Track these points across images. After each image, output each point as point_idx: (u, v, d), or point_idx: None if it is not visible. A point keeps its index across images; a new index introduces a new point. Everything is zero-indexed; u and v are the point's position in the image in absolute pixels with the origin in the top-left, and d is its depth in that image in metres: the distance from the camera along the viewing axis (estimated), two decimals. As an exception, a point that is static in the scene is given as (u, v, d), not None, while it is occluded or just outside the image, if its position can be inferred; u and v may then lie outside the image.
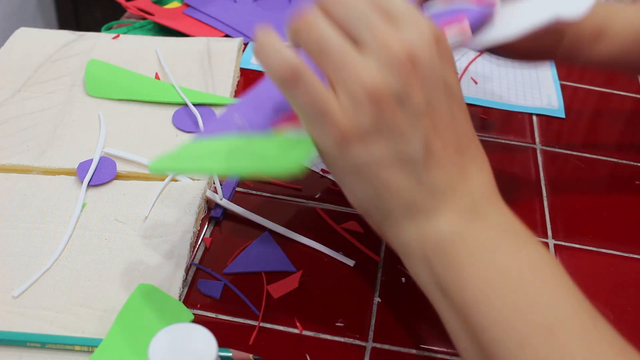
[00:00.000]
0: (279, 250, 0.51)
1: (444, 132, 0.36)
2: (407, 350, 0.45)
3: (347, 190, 0.38)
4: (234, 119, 0.44)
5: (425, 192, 0.36)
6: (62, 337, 0.42)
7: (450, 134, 0.36)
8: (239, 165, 0.40)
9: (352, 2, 0.36)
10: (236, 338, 0.44)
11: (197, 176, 0.52)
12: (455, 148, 0.37)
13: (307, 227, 0.53)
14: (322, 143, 0.36)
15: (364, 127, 0.34)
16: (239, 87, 0.70)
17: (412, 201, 0.36)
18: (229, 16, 0.79)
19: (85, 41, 0.70)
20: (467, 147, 0.38)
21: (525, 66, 0.77)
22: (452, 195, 0.36)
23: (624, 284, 0.51)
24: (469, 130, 0.38)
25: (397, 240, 0.38)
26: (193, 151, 0.44)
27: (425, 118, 0.35)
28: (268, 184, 0.57)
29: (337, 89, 0.35)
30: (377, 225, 0.39)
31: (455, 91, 0.37)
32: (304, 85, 0.35)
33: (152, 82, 0.65)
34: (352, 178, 0.37)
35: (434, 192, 0.36)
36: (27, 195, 0.52)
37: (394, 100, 0.34)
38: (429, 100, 0.35)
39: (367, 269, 0.50)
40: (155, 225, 0.51)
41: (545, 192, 0.59)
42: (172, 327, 0.35)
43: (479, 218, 0.36)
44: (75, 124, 0.60)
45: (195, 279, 0.48)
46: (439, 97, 0.36)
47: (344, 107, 0.34)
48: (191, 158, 0.43)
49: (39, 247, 0.48)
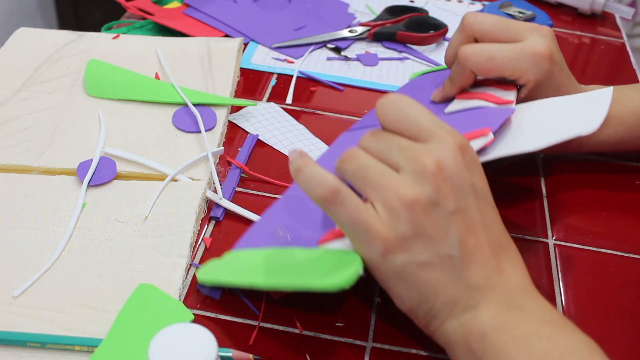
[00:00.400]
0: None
1: (476, 231, 0.40)
2: (407, 350, 0.45)
3: (393, 293, 0.41)
4: (279, 232, 0.46)
5: (466, 288, 0.39)
6: (62, 337, 0.42)
7: (482, 231, 0.40)
8: (288, 281, 0.42)
9: (385, 136, 0.41)
10: (236, 338, 0.44)
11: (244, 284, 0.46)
12: (489, 244, 0.40)
13: (307, 227, 0.53)
14: (366, 254, 0.40)
15: (403, 234, 0.38)
16: (239, 87, 0.70)
17: (454, 298, 0.39)
18: (229, 16, 0.79)
19: (85, 41, 0.70)
20: (500, 243, 0.41)
21: None
22: (491, 290, 0.40)
23: (624, 284, 0.51)
24: (500, 227, 0.42)
25: (442, 334, 0.41)
26: (239, 262, 0.46)
27: (458, 218, 0.39)
28: (268, 184, 0.57)
29: (376, 205, 0.39)
30: (423, 323, 0.42)
31: (483, 194, 0.41)
32: (344, 203, 0.39)
33: (152, 82, 0.65)
34: (396, 282, 0.40)
35: (474, 288, 0.39)
36: (27, 195, 0.52)
37: (427, 206, 0.38)
38: (460, 203, 0.39)
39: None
40: (155, 225, 0.51)
41: (545, 192, 0.59)
42: (172, 327, 0.35)
43: (517, 308, 0.39)
44: (75, 124, 0.60)
45: (195, 279, 0.48)
46: (468, 199, 0.40)
47: (384, 220, 0.39)
48: (238, 270, 0.45)
49: (39, 247, 0.48)
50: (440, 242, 0.39)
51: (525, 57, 0.52)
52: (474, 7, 0.90)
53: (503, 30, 0.53)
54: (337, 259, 0.41)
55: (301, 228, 0.47)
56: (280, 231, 0.47)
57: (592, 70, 0.80)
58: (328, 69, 0.74)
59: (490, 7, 0.80)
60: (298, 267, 0.43)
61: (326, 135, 0.63)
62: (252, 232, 0.49)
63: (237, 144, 0.61)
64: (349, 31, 0.79)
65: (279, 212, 0.49)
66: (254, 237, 0.48)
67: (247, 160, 0.59)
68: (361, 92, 0.71)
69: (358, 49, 0.78)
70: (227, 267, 0.46)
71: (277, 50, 0.76)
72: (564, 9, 0.92)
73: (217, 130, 0.60)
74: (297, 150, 0.41)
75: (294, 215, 0.48)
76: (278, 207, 0.50)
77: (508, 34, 0.53)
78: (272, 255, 0.45)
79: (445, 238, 0.39)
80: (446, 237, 0.39)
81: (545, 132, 0.50)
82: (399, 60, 0.77)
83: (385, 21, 0.80)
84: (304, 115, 0.66)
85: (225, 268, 0.46)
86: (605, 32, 0.88)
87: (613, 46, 0.85)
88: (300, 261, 0.43)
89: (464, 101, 0.56)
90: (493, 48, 0.52)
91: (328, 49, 0.77)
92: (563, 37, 0.86)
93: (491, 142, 0.48)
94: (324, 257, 0.42)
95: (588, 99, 0.53)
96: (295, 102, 0.68)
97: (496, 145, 0.50)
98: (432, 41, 0.78)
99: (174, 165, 0.56)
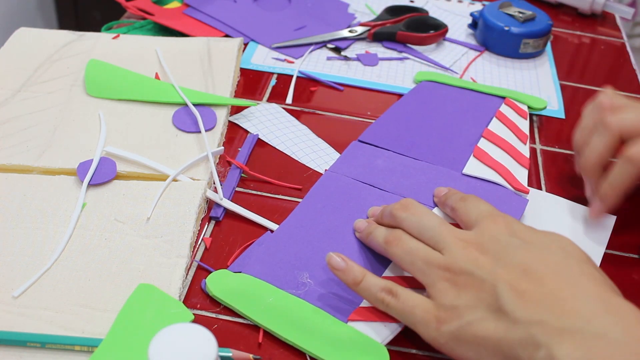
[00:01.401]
0: (279, 250, 0.51)
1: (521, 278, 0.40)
2: (407, 350, 0.45)
3: (457, 357, 0.42)
4: (302, 279, 0.48)
5: (526, 327, 0.38)
6: (62, 337, 0.42)
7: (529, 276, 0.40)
8: (309, 346, 0.43)
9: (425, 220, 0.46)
10: (236, 338, 0.44)
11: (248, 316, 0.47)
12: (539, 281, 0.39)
13: (307, 227, 0.53)
14: (422, 332, 0.42)
15: (453, 303, 0.41)
16: (239, 87, 0.70)
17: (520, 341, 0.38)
18: (229, 16, 0.79)
19: (85, 41, 0.70)
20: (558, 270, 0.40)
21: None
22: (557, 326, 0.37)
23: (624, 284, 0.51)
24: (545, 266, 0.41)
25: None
26: (253, 291, 0.46)
27: (498, 272, 0.40)
28: (268, 184, 0.57)
29: (426, 285, 0.43)
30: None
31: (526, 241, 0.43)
32: (399, 297, 0.43)
33: (152, 82, 0.65)
34: (455, 345, 0.41)
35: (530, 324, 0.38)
36: (27, 195, 0.52)
37: (468, 270, 0.41)
38: (498, 261, 0.41)
39: (367, 269, 0.50)
40: (155, 225, 0.51)
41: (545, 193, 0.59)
42: (172, 327, 0.35)
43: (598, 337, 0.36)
44: (75, 124, 0.60)
45: (195, 279, 0.48)
46: (506, 255, 0.41)
47: (434, 297, 0.42)
48: (252, 302, 0.46)
49: (39, 247, 0.48)
50: (486, 298, 0.40)
51: None
52: (473, 7, 0.90)
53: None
54: (366, 346, 0.43)
55: (328, 284, 0.47)
56: (304, 278, 0.47)
57: (592, 70, 0.80)
58: (328, 69, 0.74)
59: (490, 7, 0.80)
60: (322, 337, 0.43)
61: (327, 135, 0.63)
62: (270, 254, 0.49)
63: (237, 144, 0.61)
64: (349, 31, 0.79)
65: (305, 246, 0.50)
66: (271, 265, 0.48)
67: (247, 160, 0.59)
68: (361, 92, 0.71)
69: (358, 49, 0.78)
70: (240, 292, 0.46)
71: (277, 50, 0.76)
72: (564, 9, 0.93)
73: (217, 130, 0.60)
74: (338, 259, 0.45)
75: (324, 267, 0.48)
76: (305, 238, 0.51)
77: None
78: (293, 304, 0.45)
79: (492, 294, 0.40)
80: (493, 293, 0.40)
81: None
82: (399, 60, 0.77)
83: (385, 21, 0.80)
84: (304, 115, 0.66)
85: (237, 291, 0.46)
86: (605, 32, 0.88)
87: (613, 46, 0.85)
88: (325, 332, 0.44)
89: (481, 165, 0.58)
90: None
91: (328, 49, 0.77)
92: (563, 37, 0.86)
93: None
94: (352, 339, 0.43)
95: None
96: (295, 102, 0.68)
97: None
98: (432, 41, 0.79)
99: (174, 165, 0.56)
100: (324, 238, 0.51)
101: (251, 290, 0.46)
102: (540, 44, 0.78)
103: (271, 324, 0.44)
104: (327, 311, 0.45)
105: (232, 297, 0.46)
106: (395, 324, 0.44)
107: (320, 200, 0.54)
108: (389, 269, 0.48)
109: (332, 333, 0.44)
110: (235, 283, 0.47)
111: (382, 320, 0.44)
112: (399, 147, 0.60)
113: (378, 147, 0.60)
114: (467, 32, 0.84)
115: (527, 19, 0.78)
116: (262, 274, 0.47)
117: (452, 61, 0.77)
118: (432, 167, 0.58)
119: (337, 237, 0.51)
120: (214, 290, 0.46)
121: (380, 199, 0.54)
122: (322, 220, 0.52)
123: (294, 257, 0.49)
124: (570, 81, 0.77)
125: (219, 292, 0.46)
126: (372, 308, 0.45)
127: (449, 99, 0.67)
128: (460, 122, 0.63)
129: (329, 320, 0.44)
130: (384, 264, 0.49)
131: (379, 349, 0.43)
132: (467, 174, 0.57)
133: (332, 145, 0.62)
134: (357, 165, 0.58)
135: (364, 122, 0.65)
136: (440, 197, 0.52)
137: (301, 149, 0.61)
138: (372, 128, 0.63)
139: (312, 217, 0.52)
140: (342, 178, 0.56)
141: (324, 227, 0.52)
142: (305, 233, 0.51)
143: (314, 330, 0.44)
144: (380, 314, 0.45)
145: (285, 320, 0.44)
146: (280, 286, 0.46)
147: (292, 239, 0.50)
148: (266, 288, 0.46)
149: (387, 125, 0.63)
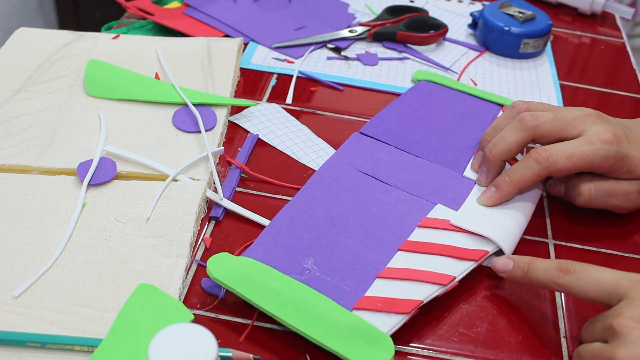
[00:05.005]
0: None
1: None
2: (408, 349, 0.45)
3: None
4: (306, 264, 0.47)
5: None
6: (62, 337, 0.42)
7: None
8: (314, 333, 0.43)
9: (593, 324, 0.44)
10: (236, 338, 0.44)
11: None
12: None
13: (307, 227, 0.53)
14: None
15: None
16: (239, 87, 0.70)
17: None
18: (229, 16, 0.79)
19: (85, 41, 0.70)
20: None
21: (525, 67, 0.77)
22: None
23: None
24: None
25: None
26: (256, 275, 0.46)
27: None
28: (268, 184, 0.57)
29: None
30: None
31: None
32: (575, 273, 0.44)
33: (152, 82, 0.65)
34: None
35: None
36: (27, 195, 0.52)
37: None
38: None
39: (367, 269, 0.50)
40: (155, 225, 0.51)
41: (545, 193, 0.59)
42: (172, 327, 0.35)
43: None
44: (75, 124, 0.60)
45: (195, 279, 0.48)
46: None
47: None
48: (254, 286, 0.45)
49: (39, 247, 0.48)
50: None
51: (598, 150, 0.51)
52: (473, 7, 0.90)
53: (562, 126, 0.52)
54: (371, 335, 0.42)
55: (332, 271, 0.47)
56: (308, 264, 0.47)
57: (592, 70, 0.80)
58: (328, 69, 0.74)
59: (490, 7, 0.80)
60: (326, 324, 0.43)
61: (327, 135, 0.63)
62: (272, 238, 0.49)
63: (237, 144, 0.61)
64: (349, 31, 0.79)
65: (308, 231, 0.50)
66: (274, 249, 0.48)
67: (247, 160, 0.59)
68: (361, 92, 0.71)
69: (358, 49, 0.78)
70: (242, 276, 0.45)
71: (277, 50, 0.76)
72: (564, 9, 0.92)
73: (217, 130, 0.60)
74: (502, 261, 0.48)
75: (328, 254, 0.48)
76: (307, 224, 0.51)
77: (567, 130, 0.52)
78: (297, 289, 0.45)
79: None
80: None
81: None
82: (399, 60, 0.77)
83: (385, 21, 0.80)
84: (304, 115, 0.66)
85: (239, 275, 0.45)
86: (605, 32, 0.88)
87: (613, 46, 0.85)
88: (330, 319, 0.43)
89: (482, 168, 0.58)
90: (569, 146, 0.51)
91: (328, 49, 0.77)
92: (563, 37, 0.86)
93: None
94: (358, 328, 0.43)
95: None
96: (296, 102, 0.68)
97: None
98: (432, 41, 0.79)
99: (174, 165, 0.56)
100: (327, 225, 0.51)
101: (254, 274, 0.45)
102: (540, 44, 0.78)
103: (275, 309, 0.43)
104: (332, 298, 0.45)
105: (234, 280, 0.45)
106: (400, 315, 0.44)
107: (323, 187, 0.54)
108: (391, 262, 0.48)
109: (337, 321, 0.43)
110: (237, 266, 0.46)
111: (387, 310, 0.44)
112: (400, 142, 0.61)
113: (380, 140, 0.61)
114: (467, 32, 0.84)
115: (527, 19, 0.78)
116: (265, 257, 0.47)
117: (452, 61, 0.77)
118: (433, 166, 0.58)
119: (341, 225, 0.51)
120: (215, 273, 0.45)
121: (383, 192, 0.55)
122: (326, 207, 0.52)
123: (297, 242, 0.49)
124: (570, 81, 0.77)
125: (220, 275, 0.45)
126: (378, 297, 0.45)
127: (448, 102, 0.67)
128: (459, 126, 0.63)
129: (333, 308, 0.44)
130: (392, 247, 0.49)
131: (384, 339, 0.42)
132: (468, 177, 0.57)
133: (332, 145, 0.62)
134: (359, 156, 0.58)
135: (364, 122, 0.65)
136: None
137: (301, 149, 0.61)
138: (373, 121, 0.63)
139: (315, 204, 0.52)
140: (345, 167, 0.57)
141: (327, 214, 0.52)
142: (309, 218, 0.51)
143: (318, 317, 0.43)
144: (386, 304, 0.44)
145: (289, 305, 0.44)
146: (284, 271, 0.46)
147: (295, 223, 0.50)
148: (269, 272, 0.46)
149: (389, 121, 0.63)
